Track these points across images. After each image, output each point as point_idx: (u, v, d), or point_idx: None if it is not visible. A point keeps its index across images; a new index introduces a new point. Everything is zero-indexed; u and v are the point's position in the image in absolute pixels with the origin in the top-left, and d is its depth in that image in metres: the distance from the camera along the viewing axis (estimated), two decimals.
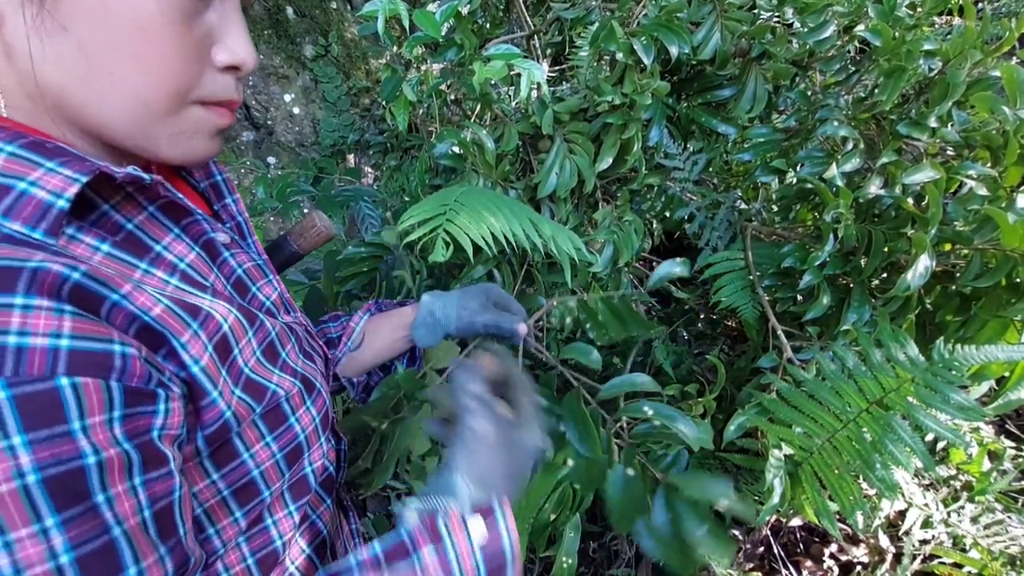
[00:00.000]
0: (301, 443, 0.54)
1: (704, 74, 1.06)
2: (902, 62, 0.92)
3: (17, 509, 0.32)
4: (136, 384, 0.38)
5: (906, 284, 0.89)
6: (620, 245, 0.98)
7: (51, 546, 0.33)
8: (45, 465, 0.33)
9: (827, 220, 0.96)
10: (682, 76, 1.10)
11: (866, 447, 0.81)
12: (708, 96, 1.05)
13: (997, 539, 1.26)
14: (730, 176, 1.61)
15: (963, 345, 0.81)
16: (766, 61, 1.02)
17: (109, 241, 0.44)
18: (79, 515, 0.34)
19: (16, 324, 0.33)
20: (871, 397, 0.83)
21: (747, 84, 1.02)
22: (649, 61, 0.90)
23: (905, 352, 0.83)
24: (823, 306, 0.99)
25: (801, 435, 0.88)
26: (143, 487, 0.38)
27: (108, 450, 0.36)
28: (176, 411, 0.41)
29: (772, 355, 1.04)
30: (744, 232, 1.22)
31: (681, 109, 1.10)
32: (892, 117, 1.00)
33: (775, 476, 0.84)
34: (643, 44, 0.90)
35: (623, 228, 0.97)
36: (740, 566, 1.37)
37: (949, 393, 0.78)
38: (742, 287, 1.15)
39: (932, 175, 0.91)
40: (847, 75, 1.06)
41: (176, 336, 0.42)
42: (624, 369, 1.32)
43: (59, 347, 0.34)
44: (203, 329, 0.44)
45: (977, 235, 0.91)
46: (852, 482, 0.82)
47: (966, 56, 0.90)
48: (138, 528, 0.37)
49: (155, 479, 0.39)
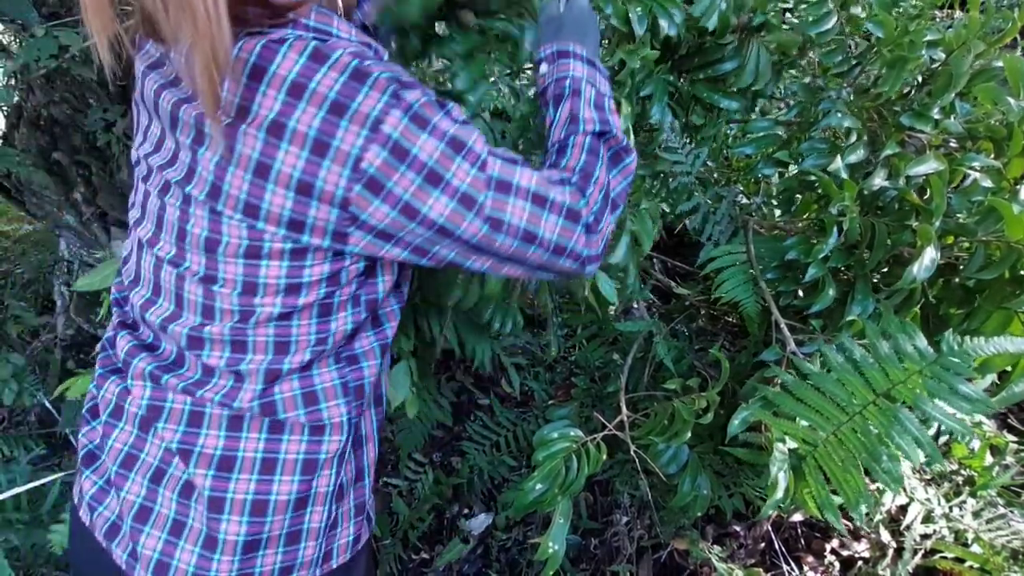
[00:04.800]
0: None
1: (704, 49, 1.05)
2: (905, 52, 0.91)
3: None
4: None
5: (912, 276, 0.89)
6: (639, 234, 0.97)
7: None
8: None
9: (832, 213, 0.96)
10: (682, 53, 1.09)
11: (871, 440, 0.80)
12: (709, 71, 1.04)
13: (999, 534, 1.26)
14: (730, 170, 1.60)
15: (971, 337, 0.81)
16: (767, 33, 1.01)
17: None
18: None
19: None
20: (878, 389, 0.82)
21: (748, 56, 1.01)
22: (640, 31, 0.90)
23: (913, 344, 0.83)
24: (828, 298, 0.99)
25: (805, 428, 0.87)
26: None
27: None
28: None
29: (775, 348, 1.04)
30: (745, 226, 1.21)
31: (683, 87, 1.09)
32: (896, 108, 1.00)
33: (780, 470, 0.84)
34: (638, 14, 0.89)
35: (640, 216, 0.96)
36: (741, 561, 1.37)
37: (957, 384, 0.78)
38: (744, 281, 1.15)
39: (936, 167, 0.91)
40: (849, 66, 1.06)
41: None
42: (624, 365, 1.31)
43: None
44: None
45: (981, 227, 0.91)
46: (857, 475, 0.81)
47: (969, 47, 0.90)
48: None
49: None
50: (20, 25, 1.52)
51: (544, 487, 0.92)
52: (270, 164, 0.54)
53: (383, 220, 0.58)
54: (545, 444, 0.96)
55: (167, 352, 0.67)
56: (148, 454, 0.66)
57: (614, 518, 1.53)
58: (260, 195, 0.55)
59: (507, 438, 1.75)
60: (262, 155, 0.54)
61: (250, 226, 0.57)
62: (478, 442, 1.75)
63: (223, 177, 0.56)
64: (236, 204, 0.56)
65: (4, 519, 1.30)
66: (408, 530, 1.64)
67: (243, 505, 0.63)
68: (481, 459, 1.72)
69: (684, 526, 1.44)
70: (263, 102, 0.54)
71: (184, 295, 0.62)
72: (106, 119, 1.68)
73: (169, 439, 0.64)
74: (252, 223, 0.57)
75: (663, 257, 1.87)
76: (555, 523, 0.93)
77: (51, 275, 2.52)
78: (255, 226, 0.57)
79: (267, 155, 0.54)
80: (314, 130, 0.53)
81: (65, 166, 1.79)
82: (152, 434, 0.65)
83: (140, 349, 0.68)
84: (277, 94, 0.53)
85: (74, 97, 1.71)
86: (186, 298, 0.62)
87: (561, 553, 0.92)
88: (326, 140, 0.54)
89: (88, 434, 0.71)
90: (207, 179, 0.57)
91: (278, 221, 0.56)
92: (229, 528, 0.63)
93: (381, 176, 0.55)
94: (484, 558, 1.62)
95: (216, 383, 0.64)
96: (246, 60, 0.54)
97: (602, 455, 0.96)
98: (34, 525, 1.33)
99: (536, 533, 1.61)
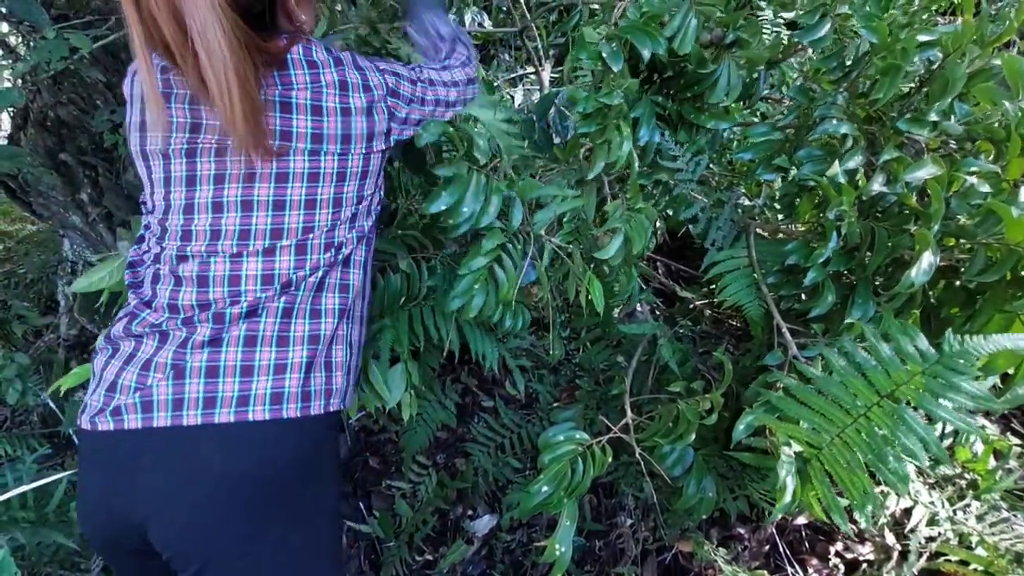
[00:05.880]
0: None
1: (687, 71, 1.07)
2: (898, 60, 0.92)
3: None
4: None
5: (910, 280, 0.89)
6: (631, 234, 0.98)
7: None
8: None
9: (830, 218, 0.96)
10: (666, 75, 1.11)
11: (877, 441, 0.81)
12: (694, 90, 1.06)
13: (1003, 537, 1.26)
14: (733, 174, 1.61)
15: (971, 336, 0.81)
16: (737, 50, 1.03)
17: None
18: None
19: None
20: (882, 390, 0.83)
21: (720, 72, 1.02)
22: (617, 69, 0.92)
23: (915, 345, 0.83)
24: (828, 302, 0.99)
25: (809, 431, 0.88)
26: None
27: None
28: None
29: (777, 352, 1.04)
30: (748, 230, 1.22)
31: (671, 107, 1.11)
32: (893, 114, 1.01)
33: (788, 474, 0.84)
34: (612, 51, 0.92)
35: (634, 217, 0.97)
36: (746, 564, 1.37)
37: (961, 383, 0.78)
38: (747, 285, 1.15)
39: (934, 171, 0.92)
40: (844, 72, 1.07)
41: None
42: (628, 367, 1.32)
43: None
44: None
45: (981, 230, 0.91)
46: (862, 476, 0.82)
47: (965, 51, 0.90)
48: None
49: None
50: (30, 27, 1.53)
51: (550, 489, 0.93)
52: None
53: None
54: (551, 447, 0.96)
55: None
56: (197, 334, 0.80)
57: (618, 520, 1.53)
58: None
59: (511, 440, 1.75)
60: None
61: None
62: (482, 444, 1.76)
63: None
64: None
65: (10, 518, 1.30)
66: (412, 532, 1.65)
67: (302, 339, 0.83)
68: (485, 461, 1.72)
69: (688, 528, 1.44)
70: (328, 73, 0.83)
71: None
72: (113, 120, 1.69)
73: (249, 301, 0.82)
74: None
75: (666, 261, 1.88)
76: (562, 525, 0.93)
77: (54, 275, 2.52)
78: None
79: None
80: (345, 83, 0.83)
81: (72, 167, 1.80)
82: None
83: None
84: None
85: (81, 98, 1.72)
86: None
87: (568, 555, 0.93)
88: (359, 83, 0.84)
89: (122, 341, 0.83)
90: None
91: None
92: (294, 355, 0.82)
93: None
94: (488, 560, 1.62)
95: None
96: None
97: (607, 457, 0.97)
98: (40, 523, 1.33)
99: (540, 535, 1.61)
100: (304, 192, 0.81)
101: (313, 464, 0.83)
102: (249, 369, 0.80)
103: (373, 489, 1.80)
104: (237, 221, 0.80)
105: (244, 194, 0.80)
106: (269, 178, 0.80)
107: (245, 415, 0.78)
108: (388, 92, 0.86)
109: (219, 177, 0.79)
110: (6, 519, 1.31)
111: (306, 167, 0.80)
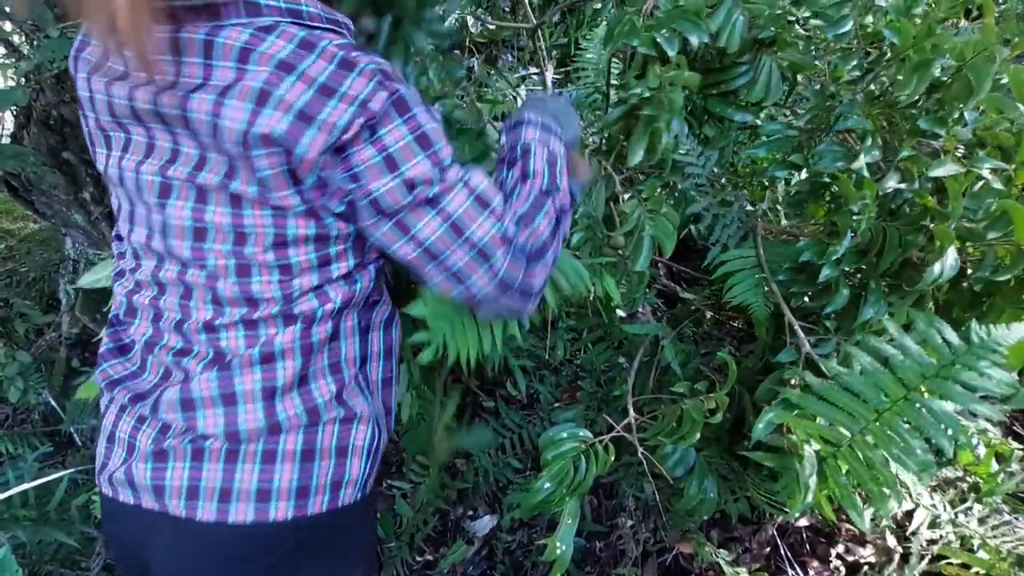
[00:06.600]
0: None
1: (719, 64, 1.06)
2: (928, 56, 0.91)
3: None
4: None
5: (933, 276, 0.89)
6: (659, 238, 0.98)
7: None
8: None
9: (852, 211, 0.95)
10: (697, 68, 1.10)
11: (903, 434, 0.81)
12: (723, 86, 1.05)
13: (1004, 540, 1.26)
14: (736, 176, 1.61)
15: (995, 326, 0.82)
16: (779, 49, 1.02)
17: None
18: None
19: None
20: (911, 384, 0.82)
21: (760, 71, 1.01)
22: (673, 53, 0.90)
23: (943, 336, 0.84)
24: (843, 298, 0.99)
25: (827, 429, 0.87)
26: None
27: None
28: None
29: (790, 350, 1.04)
30: (755, 230, 1.22)
31: (697, 100, 1.10)
32: (913, 112, 1.00)
33: (811, 473, 0.84)
34: (666, 37, 0.90)
35: (658, 220, 0.97)
36: (747, 566, 1.37)
37: (992, 372, 0.79)
38: (754, 285, 1.15)
39: (954, 169, 0.91)
40: (862, 72, 1.07)
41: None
42: (630, 368, 1.32)
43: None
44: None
45: (991, 230, 0.91)
46: (885, 472, 0.82)
47: (992, 53, 0.90)
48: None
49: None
50: (33, 26, 1.53)
51: (552, 487, 0.93)
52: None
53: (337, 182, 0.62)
54: (554, 444, 0.96)
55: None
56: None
57: (619, 521, 1.53)
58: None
59: (512, 440, 1.75)
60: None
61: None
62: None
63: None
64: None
65: (11, 516, 1.30)
66: (413, 532, 1.64)
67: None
68: (486, 461, 1.72)
69: (689, 530, 1.44)
70: (252, 76, 0.57)
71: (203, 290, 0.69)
72: None
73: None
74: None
75: (668, 262, 1.88)
76: (563, 523, 0.93)
77: (56, 274, 2.53)
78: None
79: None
80: (301, 102, 0.58)
81: (75, 165, 1.80)
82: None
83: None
84: (266, 68, 0.57)
85: None
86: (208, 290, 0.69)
87: (569, 554, 0.92)
88: (311, 113, 0.58)
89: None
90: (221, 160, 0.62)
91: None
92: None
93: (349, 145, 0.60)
94: (488, 560, 1.62)
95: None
96: (232, 46, 0.58)
97: (610, 456, 0.97)
98: (41, 522, 1.33)
99: (541, 535, 1.61)
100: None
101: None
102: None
103: (373, 489, 1.80)
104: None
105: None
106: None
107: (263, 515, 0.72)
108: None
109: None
110: (7, 517, 1.31)
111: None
